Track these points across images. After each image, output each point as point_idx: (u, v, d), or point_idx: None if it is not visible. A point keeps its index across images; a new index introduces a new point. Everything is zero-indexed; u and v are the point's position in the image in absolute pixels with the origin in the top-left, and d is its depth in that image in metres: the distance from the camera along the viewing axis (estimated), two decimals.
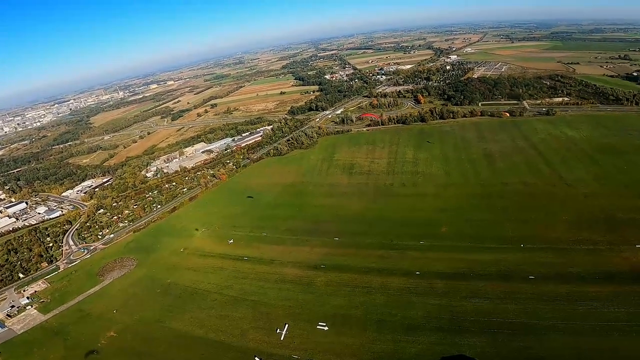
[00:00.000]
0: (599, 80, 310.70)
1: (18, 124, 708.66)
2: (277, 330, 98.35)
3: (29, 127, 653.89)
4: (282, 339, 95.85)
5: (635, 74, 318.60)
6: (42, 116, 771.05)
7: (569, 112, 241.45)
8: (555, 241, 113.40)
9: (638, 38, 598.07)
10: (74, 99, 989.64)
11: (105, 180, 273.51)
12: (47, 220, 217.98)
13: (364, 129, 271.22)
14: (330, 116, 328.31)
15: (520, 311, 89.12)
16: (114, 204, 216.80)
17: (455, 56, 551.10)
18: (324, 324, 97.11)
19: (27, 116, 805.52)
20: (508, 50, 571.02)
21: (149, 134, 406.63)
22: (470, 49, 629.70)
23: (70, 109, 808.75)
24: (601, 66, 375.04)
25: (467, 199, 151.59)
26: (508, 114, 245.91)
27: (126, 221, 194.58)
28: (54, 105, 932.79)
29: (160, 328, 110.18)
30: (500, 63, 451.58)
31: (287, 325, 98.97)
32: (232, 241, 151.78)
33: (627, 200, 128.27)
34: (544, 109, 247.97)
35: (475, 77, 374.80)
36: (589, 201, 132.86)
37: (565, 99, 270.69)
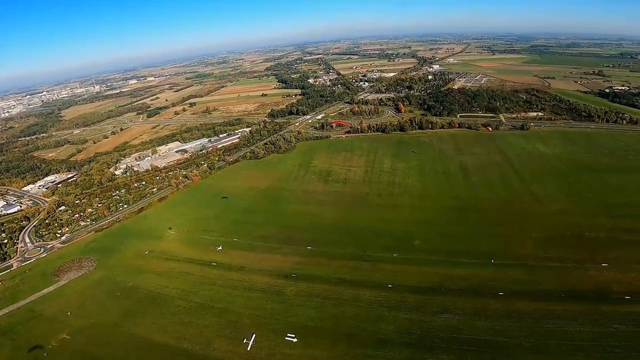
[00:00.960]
0: (573, 95, 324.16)
1: None
2: (244, 340, 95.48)
3: None
4: (248, 349, 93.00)
5: (607, 90, 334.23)
6: (12, 107, 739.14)
7: (542, 127, 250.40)
8: (525, 257, 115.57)
9: (612, 53, 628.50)
10: (47, 91, 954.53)
11: (70, 176, 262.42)
12: (4, 215, 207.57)
13: (343, 136, 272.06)
14: (310, 121, 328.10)
15: (489, 328, 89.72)
16: (76, 202, 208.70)
17: (438, 66, 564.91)
18: (293, 336, 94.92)
19: None
20: (489, 62, 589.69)
21: (122, 130, 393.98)
22: (452, 60, 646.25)
23: (42, 101, 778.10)
24: (576, 81, 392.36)
25: (441, 212, 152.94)
26: (490, 128, 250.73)
27: (88, 220, 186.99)
28: (25, 96, 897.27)
29: (117, 332, 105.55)
30: (480, 75, 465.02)
31: (254, 335, 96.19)
32: (220, 248, 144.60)
33: (595, 219, 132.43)
34: (519, 124, 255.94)
35: (456, 87, 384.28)
36: (558, 218, 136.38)
37: (540, 113, 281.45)
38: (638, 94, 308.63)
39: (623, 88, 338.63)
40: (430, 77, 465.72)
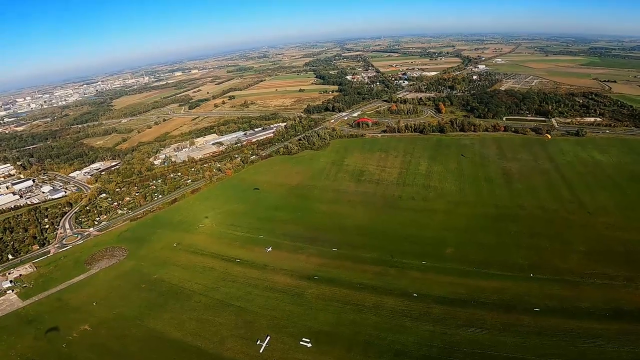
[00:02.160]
0: (636, 101, 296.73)
1: (45, 102, 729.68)
2: (257, 341, 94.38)
3: (54, 106, 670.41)
4: (261, 351, 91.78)
5: None
6: (69, 95, 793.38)
7: (600, 134, 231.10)
8: (567, 272, 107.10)
9: None
10: (102, 81, 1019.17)
11: (113, 164, 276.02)
12: (49, 200, 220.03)
13: (379, 135, 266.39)
14: (346, 118, 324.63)
15: (517, 345, 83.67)
16: (117, 190, 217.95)
17: (484, 66, 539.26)
18: (308, 340, 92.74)
19: (55, 94, 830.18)
20: (541, 63, 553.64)
21: (164, 120, 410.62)
22: (500, 60, 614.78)
23: (97, 90, 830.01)
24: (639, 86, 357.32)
25: (478, 220, 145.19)
26: (549, 136, 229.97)
27: (125, 208, 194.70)
28: (82, 85, 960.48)
29: (136, 326, 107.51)
30: (531, 76, 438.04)
31: (268, 337, 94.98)
32: (270, 249, 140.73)
33: None
34: (574, 129, 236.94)
35: (503, 89, 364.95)
36: (610, 232, 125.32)
37: (598, 119, 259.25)
38: None
39: None
40: (474, 77, 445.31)
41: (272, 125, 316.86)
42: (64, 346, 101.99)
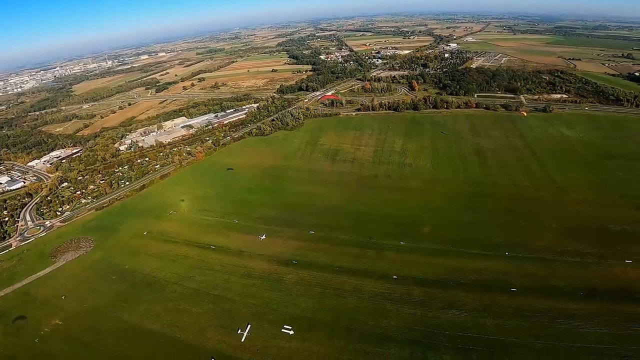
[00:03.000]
0: (600, 78, 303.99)
1: None
2: (238, 330, 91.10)
3: (9, 93, 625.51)
4: (242, 340, 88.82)
5: (637, 74, 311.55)
6: (25, 82, 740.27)
7: (566, 109, 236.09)
8: (542, 250, 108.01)
9: None
10: (60, 67, 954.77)
11: (75, 151, 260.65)
12: (7, 191, 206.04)
13: (353, 114, 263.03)
14: (320, 97, 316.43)
15: (498, 327, 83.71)
16: (79, 178, 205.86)
17: (455, 44, 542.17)
18: (290, 328, 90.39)
19: (9, 82, 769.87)
20: (509, 42, 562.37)
21: (129, 105, 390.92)
22: (471, 38, 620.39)
23: (55, 76, 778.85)
24: (603, 64, 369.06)
25: (454, 198, 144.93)
26: (525, 113, 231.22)
27: (90, 197, 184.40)
28: (39, 71, 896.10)
29: (110, 318, 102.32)
30: (500, 54, 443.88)
31: (249, 326, 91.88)
32: (264, 237, 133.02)
33: (621, 211, 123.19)
34: (541, 106, 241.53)
35: (474, 66, 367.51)
36: (581, 209, 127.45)
37: (564, 95, 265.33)
38: None
39: None
40: (446, 55, 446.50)
41: (244, 107, 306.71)
42: (36, 341, 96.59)
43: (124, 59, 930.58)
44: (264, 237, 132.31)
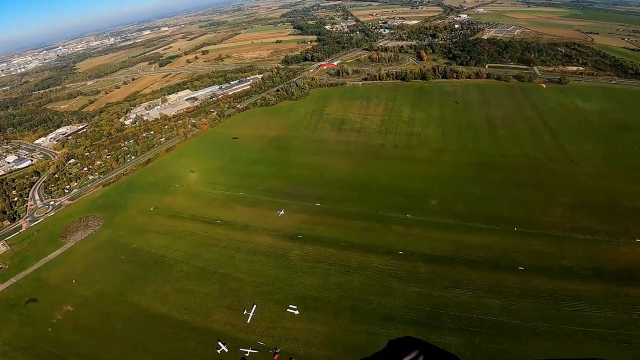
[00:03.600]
0: (619, 52, 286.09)
1: (2, 70, 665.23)
2: (244, 311, 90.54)
3: (13, 74, 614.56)
4: (248, 321, 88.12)
5: None
6: (28, 62, 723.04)
7: (582, 82, 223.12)
8: (551, 226, 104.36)
9: None
10: (63, 45, 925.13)
11: (80, 127, 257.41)
12: (15, 170, 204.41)
13: (360, 83, 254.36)
14: (325, 67, 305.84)
15: (503, 308, 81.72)
16: (86, 154, 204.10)
17: (466, 15, 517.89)
18: (295, 307, 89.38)
19: (12, 62, 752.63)
20: (523, 14, 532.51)
21: (133, 80, 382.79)
22: (482, 9, 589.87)
23: (58, 55, 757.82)
24: (622, 38, 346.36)
25: (462, 169, 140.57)
26: (544, 85, 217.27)
27: (97, 173, 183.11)
28: (41, 51, 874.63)
29: (120, 302, 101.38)
30: (513, 26, 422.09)
31: (255, 306, 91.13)
32: (282, 212, 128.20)
33: (634, 186, 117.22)
34: (556, 77, 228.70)
35: (485, 37, 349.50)
36: (593, 183, 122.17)
37: (580, 68, 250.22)
38: None
39: None
40: (457, 25, 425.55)
41: (248, 78, 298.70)
42: (49, 330, 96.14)
43: (126, 35, 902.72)
44: (282, 212, 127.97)
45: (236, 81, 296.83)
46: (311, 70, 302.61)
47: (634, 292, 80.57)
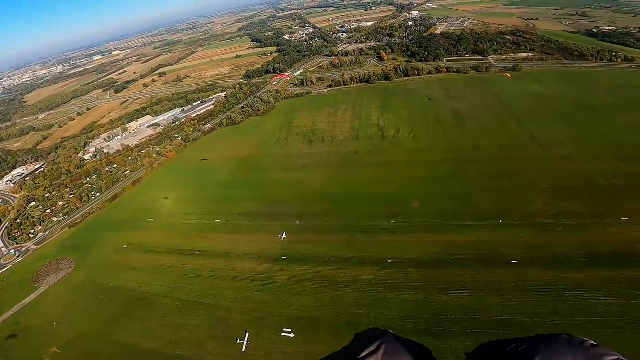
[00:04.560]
0: (561, 36, 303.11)
1: None
2: (237, 340, 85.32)
3: None
4: (244, 350, 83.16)
5: (595, 30, 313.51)
6: None
7: (534, 67, 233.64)
8: (535, 215, 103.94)
9: None
10: (8, 77, 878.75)
11: (38, 166, 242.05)
12: None
13: (325, 91, 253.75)
14: (288, 78, 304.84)
15: (504, 306, 79.58)
16: (47, 195, 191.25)
17: (417, 12, 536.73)
18: (290, 330, 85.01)
19: None
20: (469, 5, 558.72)
21: (88, 109, 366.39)
22: (431, 5, 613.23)
23: (4, 88, 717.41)
24: (560, 22, 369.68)
25: (438, 167, 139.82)
26: (508, 75, 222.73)
27: (61, 215, 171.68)
28: None
29: (106, 342, 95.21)
30: (462, 18, 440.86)
31: (248, 334, 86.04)
32: (285, 236, 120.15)
33: (606, 164, 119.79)
34: (510, 65, 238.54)
35: (439, 32, 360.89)
36: (566, 165, 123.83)
37: (530, 54, 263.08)
38: (627, 33, 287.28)
39: (611, 28, 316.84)
40: (410, 23, 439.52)
41: (211, 97, 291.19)
42: (14, 338, 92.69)
43: (75, 62, 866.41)
44: (284, 235, 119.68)
45: (199, 102, 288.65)
46: (275, 83, 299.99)
47: (633, 275, 79.74)
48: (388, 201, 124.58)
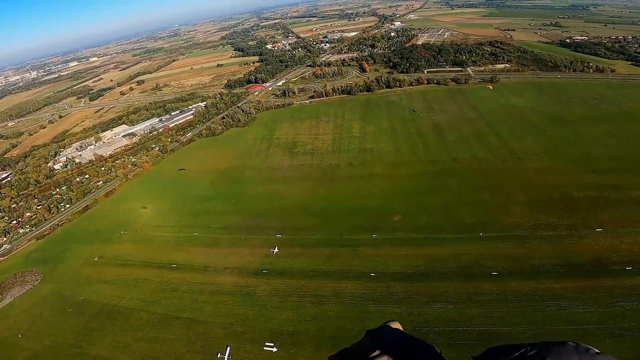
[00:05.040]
0: (536, 46, 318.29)
1: None
2: (218, 354, 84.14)
3: None
4: None
5: (567, 40, 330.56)
6: None
7: (511, 79, 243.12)
8: (514, 227, 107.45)
9: (564, 5, 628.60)
10: None
11: (4, 175, 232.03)
12: None
13: (307, 101, 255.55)
14: (270, 88, 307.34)
15: (486, 317, 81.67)
16: (13, 206, 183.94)
17: (399, 23, 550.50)
18: (272, 345, 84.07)
19: None
20: (449, 16, 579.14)
21: (60, 117, 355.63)
22: (413, 16, 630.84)
23: None
24: (535, 32, 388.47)
25: (419, 180, 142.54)
26: (490, 87, 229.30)
27: (28, 226, 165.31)
28: None
29: (76, 355, 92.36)
30: (442, 29, 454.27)
31: (229, 348, 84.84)
32: (276, 249, 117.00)
33: (580, 176, 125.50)
34: (488, 77, 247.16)
35: (420, 43, 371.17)
36: (542, 178, 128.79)
37: (507, 65, 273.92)
38: (598, 43, 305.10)
39: (583, 38, 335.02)
40: (392, 34, 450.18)
41: (190, 107, 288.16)
42: None
43: (50, 68, 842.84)
44: (276, 249, 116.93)
45: (177, 111, 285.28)
46: (256, 93, 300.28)
47: (609, 284, 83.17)
48: (370, 214, 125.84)
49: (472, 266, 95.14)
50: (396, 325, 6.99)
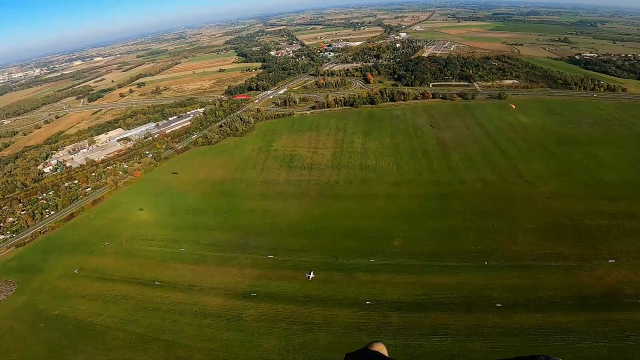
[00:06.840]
0: (545, 62, 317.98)
1: None
2: None
3: None
4: None
5: (577, 57, 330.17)
6: None
7: (519, 95, 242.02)
8: (521, 256, 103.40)
9: (571, 21, 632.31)
10: None
11: None
12: None
13: (308, 112, 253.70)
14: (271, 97, 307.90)
15: (489, 351, 77.40)
16: None
17: (405, 34, 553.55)
18: None
19: None
20: (455, 29, 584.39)
21: (57, 117, 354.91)
22: (419, 27, 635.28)
23: None
24: (544, 48, 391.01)
25: (421, 201, 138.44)
26: (514, 106, 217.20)
27: (8, 232, 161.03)
28: None
29: None
30: (449, 42, 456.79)
31: None
32: (312, 275, 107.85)
33: (591, 203, 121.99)
34: (495, 92, 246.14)
35: (425, 55, 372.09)
36: (552, 204, 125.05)
37: (515, 81, 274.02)
38: (608, 60, 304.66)
39: (592, 55, 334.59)
40: (398, 45, 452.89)
41: (188, 112, 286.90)
42: None
43: (54, 66, 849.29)
44: (312, 275, 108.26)
45: (175, 117, 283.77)
46: (256, 101, 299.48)
47: (621, 317, 79.85)
48: (368, 237, 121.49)
49: (475, 297, 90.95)
50: (380, 347, 7.12)
